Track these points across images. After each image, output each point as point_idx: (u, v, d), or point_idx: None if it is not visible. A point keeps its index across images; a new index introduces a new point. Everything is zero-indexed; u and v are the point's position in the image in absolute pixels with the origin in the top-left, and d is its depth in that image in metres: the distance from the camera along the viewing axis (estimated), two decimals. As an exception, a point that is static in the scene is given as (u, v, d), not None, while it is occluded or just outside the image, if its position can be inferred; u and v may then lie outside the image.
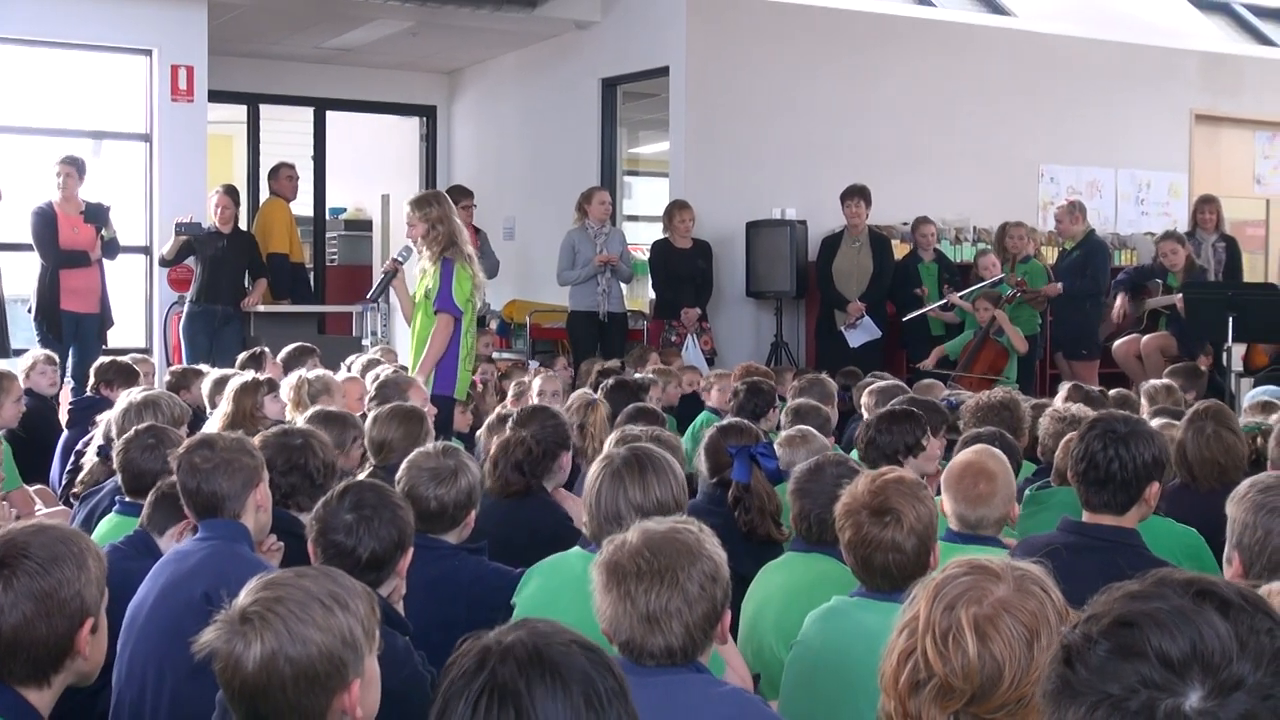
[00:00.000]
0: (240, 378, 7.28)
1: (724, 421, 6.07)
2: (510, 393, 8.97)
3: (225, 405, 6.99)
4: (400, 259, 8.62)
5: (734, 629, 3.94)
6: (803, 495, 4.47)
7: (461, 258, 8.38)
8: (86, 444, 7.82)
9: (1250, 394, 9.32)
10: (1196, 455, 5.58)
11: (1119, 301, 12.64)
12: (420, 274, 8.51)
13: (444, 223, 8.37)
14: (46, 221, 11.33)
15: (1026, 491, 5.71)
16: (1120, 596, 1.88)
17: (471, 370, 8.78)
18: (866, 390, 8.17)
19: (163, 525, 4.60)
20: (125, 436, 5.26)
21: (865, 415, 8.02)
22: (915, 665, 2.50)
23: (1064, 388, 8.25)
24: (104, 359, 9.39)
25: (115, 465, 5.24)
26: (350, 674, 2.68)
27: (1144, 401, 8.00)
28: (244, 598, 2.70)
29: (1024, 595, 2.51)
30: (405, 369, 8.55)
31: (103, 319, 11.59)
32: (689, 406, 9.42)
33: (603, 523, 4.01)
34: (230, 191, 12.39)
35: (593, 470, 4.12)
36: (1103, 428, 4.37)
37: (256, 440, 4.72)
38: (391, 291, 8.73)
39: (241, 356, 9.42)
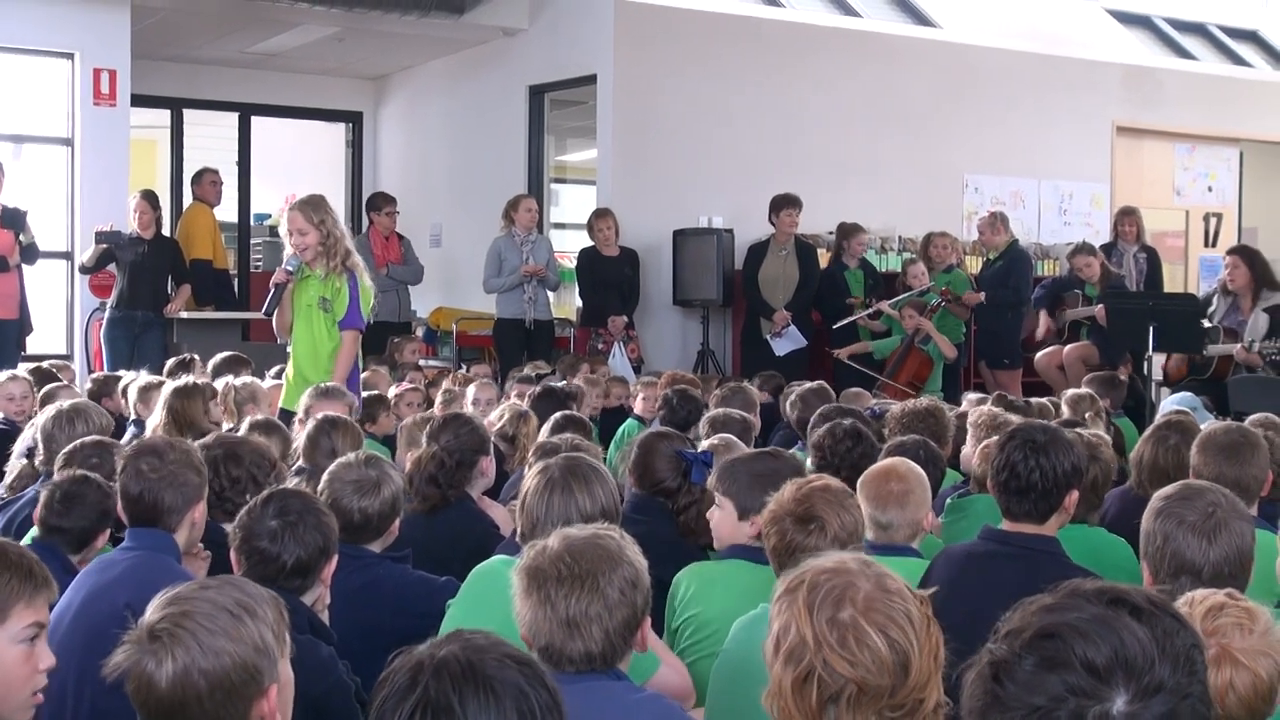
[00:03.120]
0: (177, 382, 7.16)
1: (656, 429, 6.05)
2: (438, 400, 8.92)
3: (160, 412, 6.83)
4: (290, 269, 8.03)
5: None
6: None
7: (359, 269, 8.04)
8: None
9: (1166, 402, 9.43)
10: (1151, 463, 5.66)
11: (1041, 320, 12.74)
12: (301, 279, 8.02)
13: (337, 228, 7.97)
14: (-37, 227, 11.18)
15: (948, 500, 5.75)
16: (1036, 610, 1.92)
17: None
18: (789, 401, 8.18)
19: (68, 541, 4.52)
20: (68, 450, 5.17)
21: (789, 421, 8.07)
22: (820, 682, 2.50)
23: (969, 398, 8.31)
24: (29, 366, 9.28)
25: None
26: (266, 680, 2.65)
27: (1066, 410, 8.06)
28: (150, 615, 2.66)
29: (883, 578, 2.58)
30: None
31: (22, 325, 11.43)
32: (612, 417, 9.42)
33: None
34: (149, 196, 12.23)
35: (533, 482, 4.08)
36: (1022, 437, 4.40)
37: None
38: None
39: (170, 363, 9.29)
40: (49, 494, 4.59)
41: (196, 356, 9.37)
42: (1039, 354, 12.59)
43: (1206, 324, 10.94)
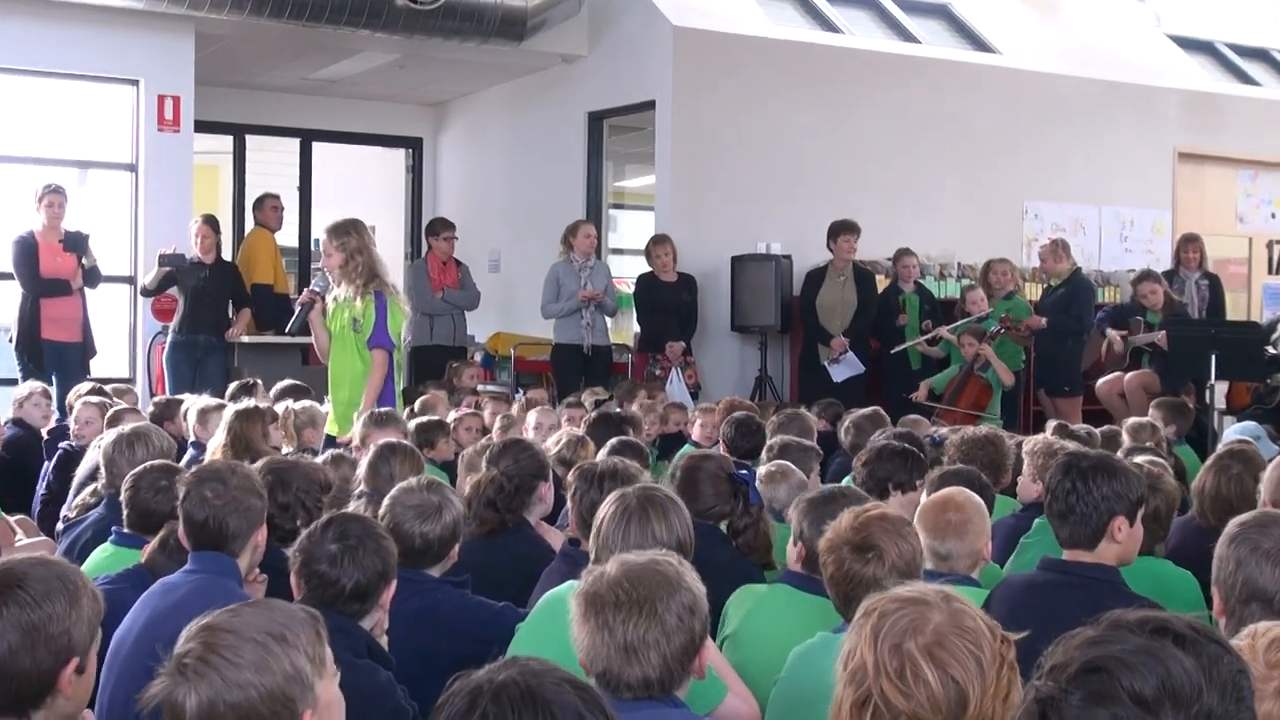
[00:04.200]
0: (239, 405, 7.24)
1: (698, 451, 6.03)
2: (496, 425, 8.95)
3: (222, 433, 6.91)
4: (318, 290, 8.31)
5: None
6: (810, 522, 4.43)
7: (389, 290, 8.21)
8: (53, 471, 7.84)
9: (1228, 431, 9.34)
10: (1213, 492, 5.61)
11: (1110, 335, 12.64)
12: (334, 304, 8.25)
13: (363, 253, 8.11)
14: (27, 250, 11.27)
15: (1036, 521, 5.69)
16: (1080, 643, 1.90)
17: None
18: (843, 427, 8.17)
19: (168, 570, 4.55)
20: (136, 473, 5.21)
21: (845, 447, 8.05)
22: (875, 710, 2.49)
23: (1051, 425, 8.25)
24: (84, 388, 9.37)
25: (122, 500, 5.19)
26: (299, 707, 2.62)
27: (1127, 438, 8.00)
28: (180, 645, 2.66)
29: (959, 615, 2.54)
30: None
31: (85, 348, 11.53)
32: (670, 443, 9.42)
33: None
34: (210, 221, 12.31)
35: (609, 509, 4.06)
36: (1067, 461, 4.39)
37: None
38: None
39: (233, 387, 9.37)
40: (165, 535, 4.63)
41: (259, 381, 9.45)
42: (1100, 381, 12.49)
43: (1270, 352, 10.84)
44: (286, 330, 8.85)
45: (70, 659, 2.94)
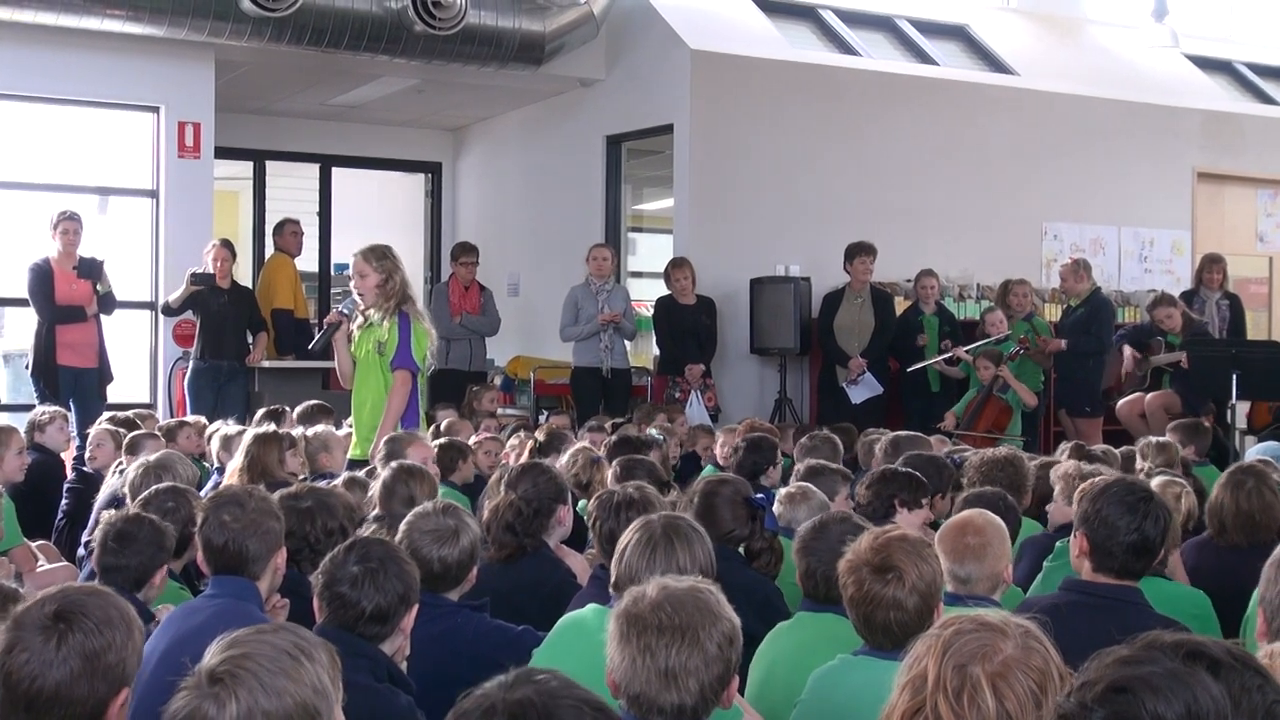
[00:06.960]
0: (259, 429, 7.26)
1: (716, 475, 6.03)
2: (509, 447, 8.96)
3: (240, 456, 6.93)
4: (345, 311, 8.27)
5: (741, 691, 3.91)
6: (808, 553, 4.43)
7: (416, 313, 8.20)
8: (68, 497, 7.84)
9: (1251, 450, 9.31)
10: (1232, 509, 5.57)
11: (1126, 354, 12.62)
12: (362, 327, 8.21)
13: (398, 274, 8.14)
14: (43, 277, 11.29)
15: (1058, 543, 5.68)
16: (1111, 662, 1.89)
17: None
18: (880, 446, 8.15)
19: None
20: (143, 496, 5.25)
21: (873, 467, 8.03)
22: None
23: (1064, 446, 8.21)
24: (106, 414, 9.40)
25: None
26: None
27: (1140, 458, 7.96)
28: (209, 659, 2.66)
29: (1030, 652, 2.54)
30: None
31: (101, 374, 11.53)
32: (689, 465, 9.43)
33: None
34: (227, 244, 12.35)
35: (634, 536, 4.03)
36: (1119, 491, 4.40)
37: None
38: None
39: (260, 413, 9.38)
40: (103, 534, 4.64)
41: (287, 408, 9.45)
42: (1121, 402, 12.47)
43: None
44: (310, 348, 8.83)
45: (123, 689, 3.00)
